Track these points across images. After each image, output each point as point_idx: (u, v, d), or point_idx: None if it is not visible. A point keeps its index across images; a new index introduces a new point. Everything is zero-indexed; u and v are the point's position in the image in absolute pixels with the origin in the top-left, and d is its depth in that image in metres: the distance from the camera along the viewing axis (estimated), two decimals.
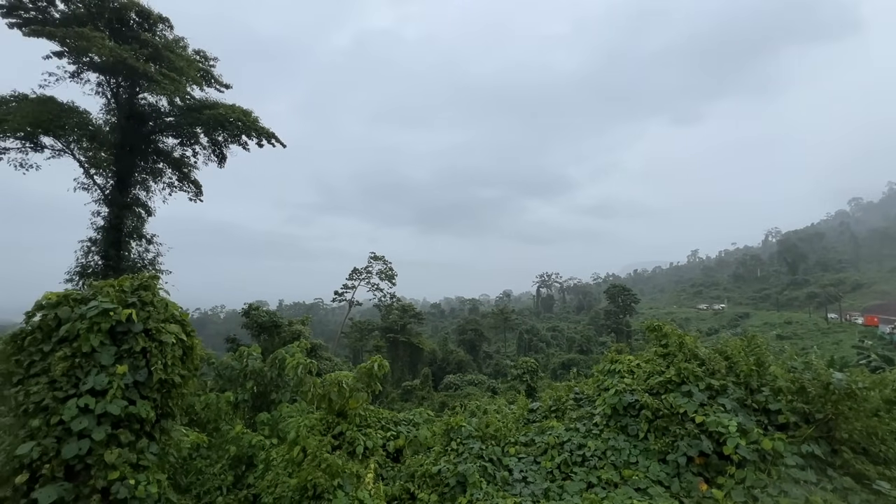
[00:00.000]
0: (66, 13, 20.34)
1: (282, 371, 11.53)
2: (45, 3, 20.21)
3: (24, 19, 19.87)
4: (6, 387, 4.90)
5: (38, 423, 4.51)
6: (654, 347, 8.43)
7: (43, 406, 4.62)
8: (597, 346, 77.34)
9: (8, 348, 4.96)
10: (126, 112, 22.27)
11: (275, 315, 26.95)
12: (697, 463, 6.39)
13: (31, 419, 4.55)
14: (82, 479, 4.55)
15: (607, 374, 8.57)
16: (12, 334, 5.02)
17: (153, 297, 5.61)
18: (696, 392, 6.96)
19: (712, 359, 7.52)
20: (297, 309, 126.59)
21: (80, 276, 21.03)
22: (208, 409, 10.30)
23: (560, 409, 9.21)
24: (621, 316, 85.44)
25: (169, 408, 5.56)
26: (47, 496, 4.26)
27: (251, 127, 24.01)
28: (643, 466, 6.64)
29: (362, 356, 61.32)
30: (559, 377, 51.21)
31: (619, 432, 7.32)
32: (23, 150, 20.50)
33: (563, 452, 7.26)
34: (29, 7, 19.94)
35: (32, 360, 4.88)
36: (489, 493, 6.68)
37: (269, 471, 8.25)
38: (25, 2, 19.61)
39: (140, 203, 23.19)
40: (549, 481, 6.91)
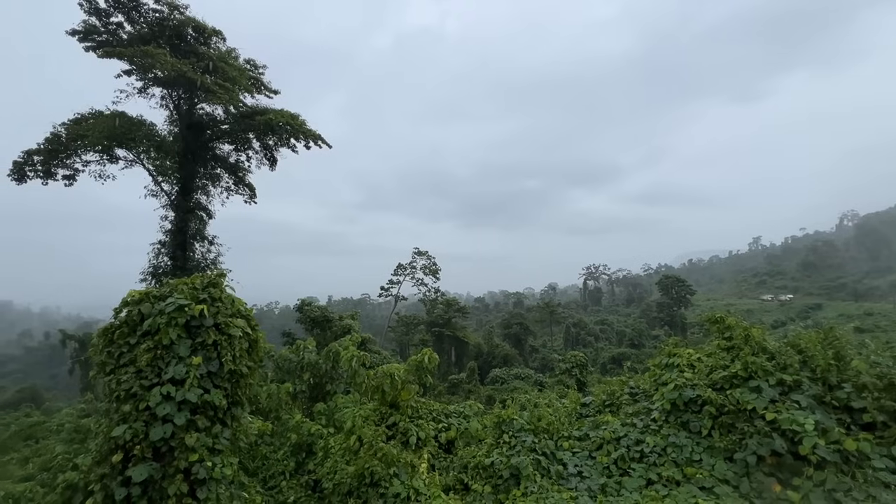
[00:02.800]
0: (132, 34, 22.02)
1: (336, 363, 11.99)
2: (115, 26, 21.99)
3: (98, 42, 21.74)
4: (101, 375, 5.44)
5: (128, 409, 4.98)
6: (717, 340, 7.98)
7: (132, 393, 5.09)
8: (649, 339, 74.27)
9: (101, 341, 5.51)
10: (186, 122, 23.84)
11: (326, 310, 28.06)
12: (769, 463, 6.00)
13: (123, 405, 5.03)
14: (167, 459, 4.98)
15: (665, 369, 8.22)
16: (104, 328, 5.56)
17: (221, 294, 6.00)
18: (765, 388, 6.53)
19: (783, 352, 7.01)
20: (345, 304, 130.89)
21: (152, 275, 22.84)
22: (270, 398, 10.92)
23: (614, 404, 8.95)
24: (675, 308, 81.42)
25: (238, 396, 5.95)
26: (139, 474, 4.71)
27: (299, 130, 24.97)
28: (707, 465, 6.33)
29: (408, 350, 62.49)
30: (609, 372, 49.70)
31: (680, 429, 7.02)
32: (101, 162, 22.51)
33: (620, 448, 7.06)
34: (102, 31, 21.79)
35: (121, 351, 5.38)
36: (543, 487, 6.64)
37: (327, 458, 8.64)
38: (99, 26, 21.43)
39: (201, 207, 24.79)
40: (605, 477, 6.76)
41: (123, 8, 21.72)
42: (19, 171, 20.62)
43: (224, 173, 26.42)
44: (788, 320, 77.22)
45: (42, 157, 20.76)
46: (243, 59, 25.22)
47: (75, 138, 20.76)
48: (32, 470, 14.18)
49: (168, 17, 22.16)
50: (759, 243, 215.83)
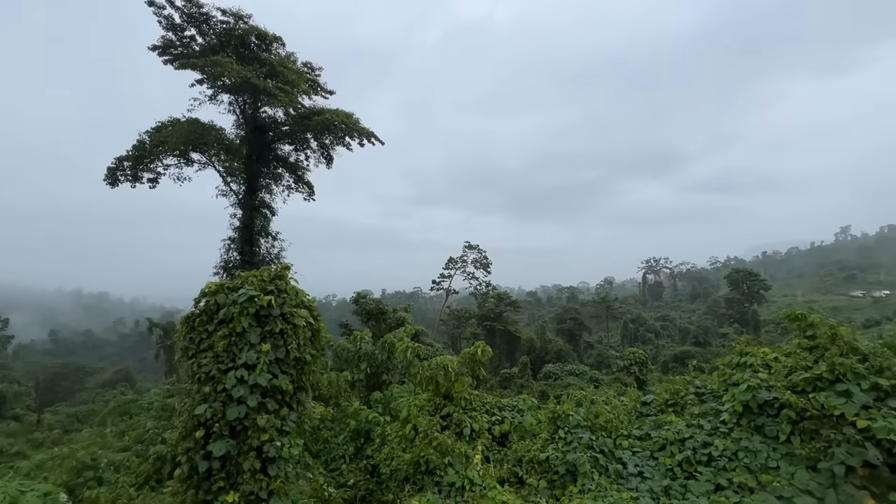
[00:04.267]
0: (203, 45, 23.74)
1: (391, 354, 12.36)
2: (189, 40, 23.81)
3: (174, 55, 23.65)
4: (184, 359, 5.98)
5: (208, 390, 5.45)
6: (797, 339, 7.31)
7: (210, 376, 5.56)
8: (716, 337, 69.49)
9: (183, 328, 6.05)
10: (251, 125, 25.39)
11: (380, 303, 28.94)
12: (860, 475, 5.44)
13: (203, 386, 5.51)
14: (242, 437, 5.40)
15: (736, 368, 7.67)
16: (186, 317, 6.10)
17: (286, 286, 6.37)
18: (856, 392, 5.90)
19: (879, 354, 6.29)
20: (398, 297, 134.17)
21: (224, 269, 24.67)
22: (330, 386, 11.47)
23: (678, 404, 8.50)
24: (746, 304, 75.44)
25: (302, 382, 6.30)
26: (219, 449, 5.15)
27: (353, 128, 25.77)
28: (786, 473, 5.85)
29: (460, 343, 62.91)
30: (672, 370, 47.18)
31: (754, 432, 6.53)
32: (178, 165, 24.59)
33: (685, 450, 6.70)
34: (177, 45, 23.68)
35: (201, 337, 5.88)
36: (601, 485, 6.46)
37: (384, 445, 8.96)
38: (175, 40, 23.30)
39: (266, 205, 26.36)
40: (668, 479, 6.45)
41: (195, 21, 23.45)
42: (112, 176, 23.03)
43: (285, 172, 27.88)
44: (884, 319, 68.99)
45: (130, 162, 23.02)
46: (301, 63, 26.36)
47: (157, 144, 22.80)
48: (129, 442, 15.98)
49: (234, 27, 23.63)
50: (847, 233, 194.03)
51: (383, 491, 8.16)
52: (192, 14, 23.10)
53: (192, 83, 23.82)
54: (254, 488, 5.25)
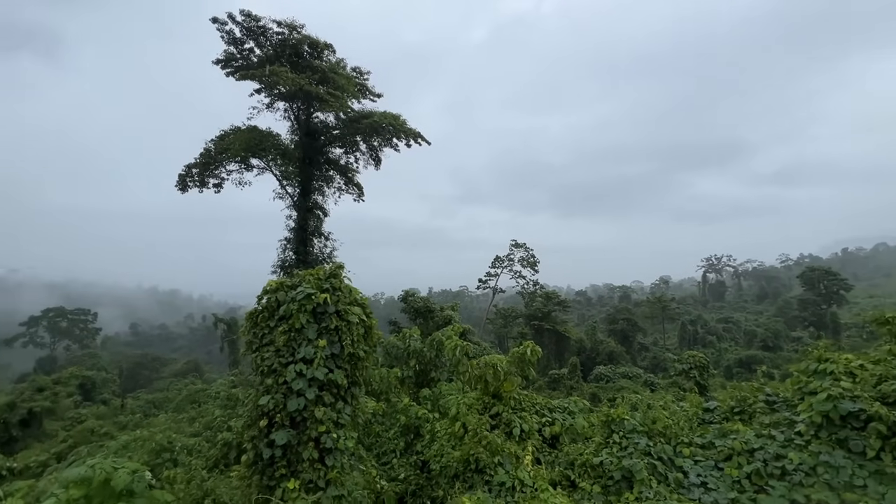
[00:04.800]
0: (261, 56, 25.12)
1: (439, 352, 12.48)
2: (248, 52, 25.30)
3: (235, 67, 25.23)
4: (248, 352, 6.38)
5: (270, 382, 5.78)
6: (888, 345, 6.60)
7: (272, 369, 5.89)
8: (787, 342, 64.09)
9: (248, 324, 6.46)
10: (304, 130, 26.57)
11: (428, 301, 29.32)
12: None
13: (266, 378, 5.84)
14: (301, 428, 5.68)
15: (813, 375, 7.03)
16: (250, 313, 6.50)
17: (340, 284, 6.62)
18: None
19: None
20: (444, 296, 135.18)
21: (280, 268, 26.01)
22: (381, 382, 11.77)
23: (745, 412, 7.94)
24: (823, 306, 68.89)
25: (356, 377, 6.53)
26: (280, 438, 5.45)
27: (400, 130, 26.28)
28: (875, 492, 5.29)
29: (507, 342, 62.34)
30: (736, 376, 44.11)
31: (835, 446, 5.96)
32: (240, 171, 26.20)
33: (755, 461, 6.24)
34: (238, 58, 25.23)
35: (263, 332, 6.25)
36: (660, 494, 6.16)
37: (434, 441, 9.06)
38: (236, 53, 24.84)
39: (318, 206, 27.50)
40: (735, 491, 6.04)
41: (253, 35, 24.86)
42: (182, 182, 24.94)
43: (336, 175, 28.93)
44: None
45: (198, 169, 24.83)
46: (350, 68, 27.22)
47: (221, 151, 24.44)
48: (199, 427, 17.28)
49: (288, 37, 24.81)
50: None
51: (433, 487, 8.26)
52: (250, 28, 24.50)
53: (251, 93, 25.31)
54: (312, 477, 5.51)
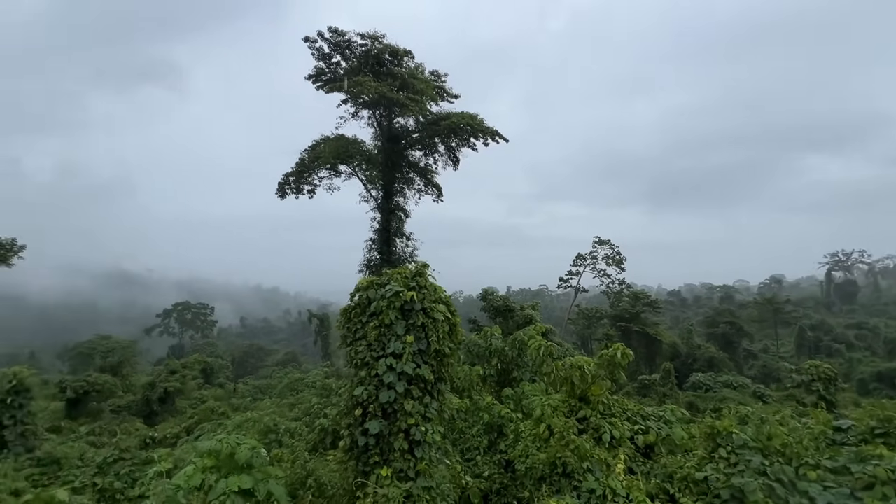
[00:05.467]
0: (346, 68, 26.78)
1: (521, 351, 12.31)
2: (335, 65, 27.13)
3: (324, 81, 27.20)
4: (343, 346, 6.84)
5: (363, 374, 6.14)
6: None
7: (365, 362, 6.25)
8: None
9: (342, 319, 6.93)
10: (386, 135, 27.82)
11: (507, 300, 29.11)
12: None
13: (360, 370, 6.22)
14: (392, 419, 5.96)
15: None
16: (344, 309, 6.97)
17: (425, 282, 6.83)
18: None
19: None
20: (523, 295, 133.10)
21: (366, 268, 27.52)
22: (463, 379, 11.92)
23: (890, 434, 6.74)
24: None
25: (442, 373, 6.69)
26: (374, 427, 5.77)
27: (477, 129, 26.39)
28: None
29: (590, 344, 59.60)
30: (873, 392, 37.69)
31: None
32: (329, 177, 28.21)
33: None
34: (326, 72, 27.17)
35: (356, 327, 6.66)
36: None
37: (518, 442, 8.96)
38: (324, 68, 26.76)
39: (400, 208, 28.63)
40: None
41: (340, 49, 26.58)
42: (281, 189, 27.48)
43: (416, 177, 29.89)
44: None
45: (294, 177, 27.19)
46: (429, 72, 27.93)
47: (314, 160, 26.51)
48: (298, 413, 18.99)
49: (371, 48, 26.14)
50: None
51: (518, 487, 8.17)
52: (337, 43, 26.23)
53: (338, 104, 27.10)
54: (403, 466, 5.75)
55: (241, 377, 60.77)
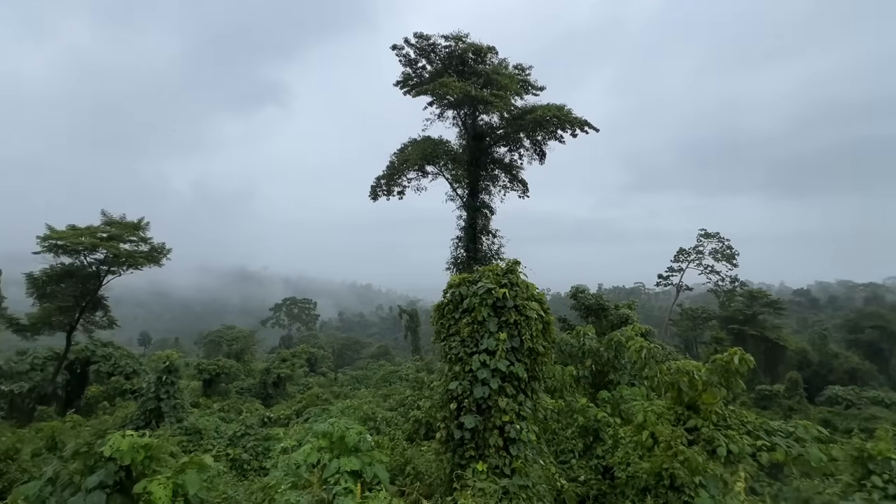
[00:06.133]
0: (431, 71, 27.50)
1: (618, 353, 11.62)
2: (420, 69, 28.00)
3: (411, 86, 28.22)
4: (437, 341, 7.05)
5: (458, 369, 6.27)
6: None
7: (459, 357, 6.37)
8: None
9: (436, 315, 7.14)
10: (471, 134, 28.02)
11: (600, 298, 27.64)
12: None
13: (454, 365, 6.36)
14: (487, 415, 6.00)
15: None
16: (437, 305, 7.17)
17: (517, 279, 6.76)
18: None
19: None
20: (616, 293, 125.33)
21: (453, 265, 28.02)
22: (555, 379, 11.59)
23: None
24: None
25: (536, 372, 6.57)
26: (469, 422, 5.87)
27: (564, 120, 25.41)
28: None
29: (695, 347, 54.17)
30: None
31: None
32: (417, 178, 29.22)
33: None
34: (413, 76, 28.17)
35: (449, 323, 6.81)
36: None
37: (617, 447, 8.48)
38: (411, 73, 27.76)
39: (485, 205, 28.66)
40: None
41: (425, 53, 27.37)
42: (374, 192, 29.10)
43: (501, 173, 29.69)
44: None
45: (385, 180, 28.63)
46: (512, 66, 27.56)
47: (402, 162, 27.66)
48: (393, 403, 20.03)
49: (454, 48, 26.52)
50: None
51: (617, 495, 7.74)
52: (422, 47, 27.04)
53: (424, 106, 27.94)
54: (498, 463, 5.76)
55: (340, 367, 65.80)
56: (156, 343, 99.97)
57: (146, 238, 30.48)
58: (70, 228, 28.40)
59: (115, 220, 29.76)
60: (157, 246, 31.00)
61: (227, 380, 39.33)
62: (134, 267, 30.36)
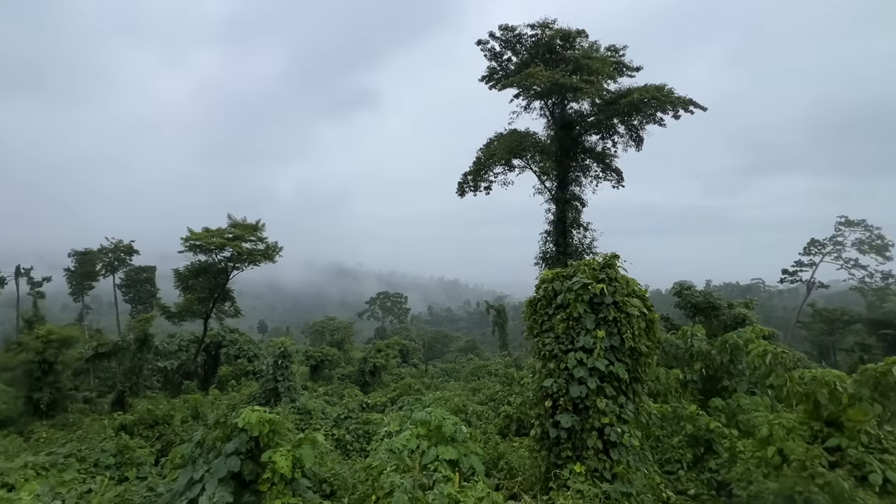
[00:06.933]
0: (517, 63, 26.99)
1: (735, 357, 10.39)
2: (506, 62, 27.63)
3: (496, 79, 28.00)
4: (530, 337, 6.92)
5: (552, 366, 6.10)
6: None
7: (553, 354, 6.19)
8: None
9: (528, 310, 7.01)
10: (559, 124, 26.98)
11: (710, 295, 24.93)
12: None
13: (548, 362, 6.20)
14: (584, 416, 5.75)
15: None
16: (529, 300, 7.04)
17: (616, 274, 6.36)
18: None
19: None
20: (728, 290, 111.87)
21: (542, 260, 27.31)
22: (658, 382, 10.72)
23: None
24: None
25: (638, 373, 6.14)
26: (566, 421, 5.68)
27: (665, 101, 23.32)
28: None
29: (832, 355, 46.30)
30: None
31: None
32: (504, 172, 28.95)
33: None
34: (498, 70, 27.91)
35: (542, 319, 6.65)
36: None
37: (734, 462, 7.60)
38: (497, 67, 27.54)
39: (576, 197, 27.45)
40: None
41: (510, 44, 26.95)
42: (461, 188, 29.48)
43: (592, 163, 28.20)
44: None
45: (471, 175, 28.83)
46: (604, 48, 25.95)
47: (489, 157, 27.60)
48: (482, 398, 20.19)
49: (541, 37, 25.72)
50: None
51: None
52: (507, 39, 26.66)
53: (510, 99, 27.54)
54: (598, 466, 5.50)
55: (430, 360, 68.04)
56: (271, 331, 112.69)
57: (262, 238, 34.45)
58: (204, 231, 33.14)
59: (238, 223, 34.04)
60: (271, 245, 34.87)
61: (330, 366, 42.88)
62: (253, 263, 34.55)
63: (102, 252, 56.36)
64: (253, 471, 5.15)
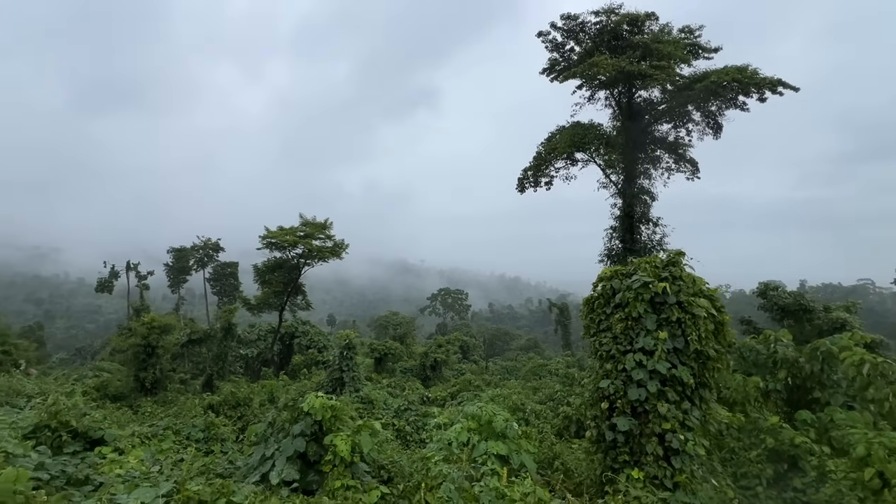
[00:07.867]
0: (580, 52, 25.96)
1: (827, 366, 9.29)
2: (568, 52, 26.69)
3: (557, 71, 27.15)
4: (587, 336, 6.72)
5: (609, 367, 5.89)
6: None
7: (611, 354, 5.97)
8: None
9: (585, 309, 6.81)
10: (626, 114, 25.58)
11: (801, 297, 22.37)
12: None
13: (605, 363, 5.99)
14: (643, 420, 5.50)
15: None
16: (586, 299, 6.83)
17: (681, 273, 5.98)
18: None
19: None
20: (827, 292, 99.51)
21: (607, 257, 26.12)
22: (733, 389, 9.90)
23: None
24: None
25: (705, 378, 5.74)
26: (623, 424, 5.47)
27: (748, 83, 21.26)
28: None
29: None
30: None
31: None
32: (566, 167, 28.04)
33: None
34: (560, 61, 27.04)
35: (600, 318, 6.43)
36: None
37: (824, 482, 6.84)
38: (558, 58, 26.71)
39: (645, 191, 25.91)
40: None
41: (572, 34, 25.97)
42: (521, 184, 29.02)
43: (664, 154, 26.46)
44: None
45: (532, 171, 28.27)
46: (677, 30, 24.18)
47: (550, 151, 26.89)
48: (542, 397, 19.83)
49: (606, 23, 24.52)
50: None
51: None
52: (570, 29, 25.71)
53: (573, 91, 26.57)
54: (657, 473, 5.24)
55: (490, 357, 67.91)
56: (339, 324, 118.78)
57: (331, 235, 36.42)
58: (279, 229, 35.71)
59: (309, 221, 36.26)
60: (338, 242, 36.78)
61: (393, 360, 44.34)
62: (322, 259, 36.68)
63: (194, 249, 62.92)
64: (317, 452, 5.55)
